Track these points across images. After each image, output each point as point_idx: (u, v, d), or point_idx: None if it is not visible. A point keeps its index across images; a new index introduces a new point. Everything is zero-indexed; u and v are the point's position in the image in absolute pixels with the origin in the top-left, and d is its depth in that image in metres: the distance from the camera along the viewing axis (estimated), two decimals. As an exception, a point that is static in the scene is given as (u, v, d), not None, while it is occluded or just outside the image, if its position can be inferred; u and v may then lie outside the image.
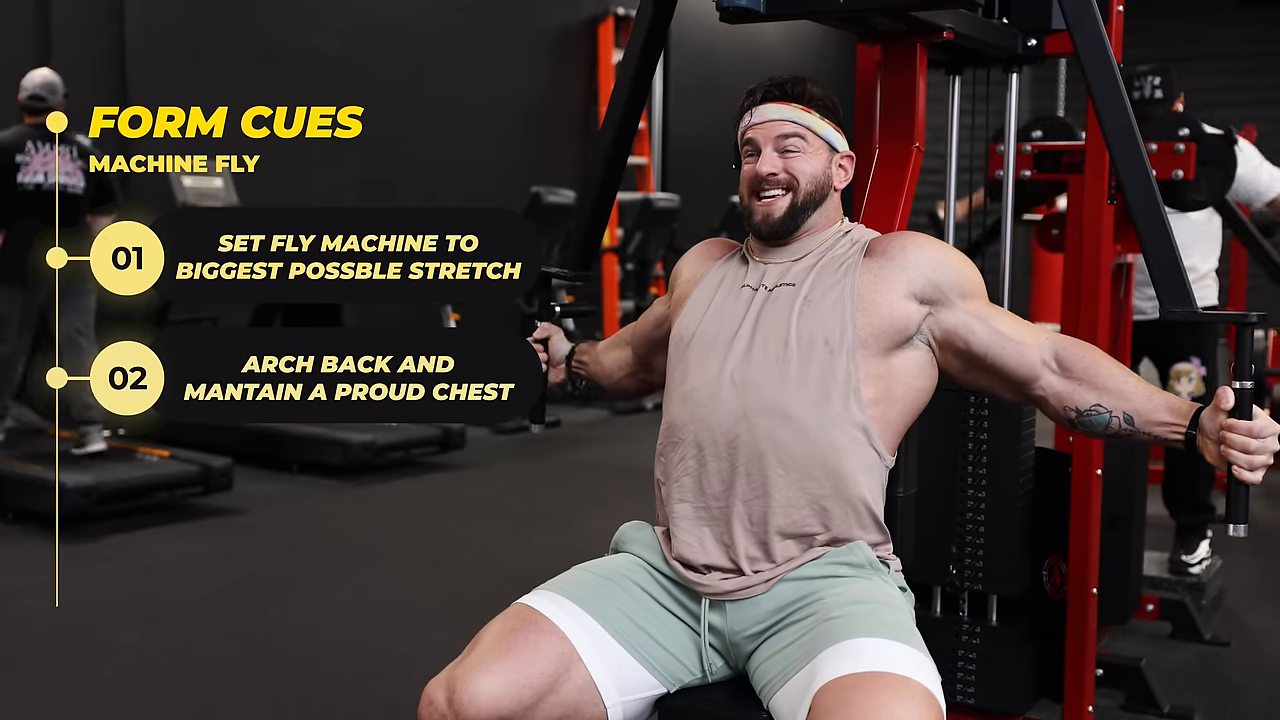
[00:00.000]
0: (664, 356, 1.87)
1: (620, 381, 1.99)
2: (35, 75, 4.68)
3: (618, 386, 2.00)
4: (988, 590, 2.16)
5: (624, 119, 2.04)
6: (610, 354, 2.00)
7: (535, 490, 5.32)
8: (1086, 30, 1.68)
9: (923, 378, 1.64)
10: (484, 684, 1.46)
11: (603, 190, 2.07)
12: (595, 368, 2.01)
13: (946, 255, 1.65)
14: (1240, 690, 2.97)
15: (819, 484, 1.57)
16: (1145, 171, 1.64)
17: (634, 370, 1.97)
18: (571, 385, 2.04)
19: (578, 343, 2.05)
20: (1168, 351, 3.55)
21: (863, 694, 1.33)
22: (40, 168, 4.58)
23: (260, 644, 3.19)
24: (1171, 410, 1.52)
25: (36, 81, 4.64)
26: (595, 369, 2.01)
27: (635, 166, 8.65)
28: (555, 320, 2.04)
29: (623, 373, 1.98)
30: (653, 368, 1.94)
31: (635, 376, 1.98)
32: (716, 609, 1.59)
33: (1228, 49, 10.17)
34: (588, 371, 2.02)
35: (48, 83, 4.64)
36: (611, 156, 2.06)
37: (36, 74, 4.69)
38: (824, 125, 1.68)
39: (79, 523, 4.24)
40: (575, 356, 2.02)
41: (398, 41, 7.26)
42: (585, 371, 2.02)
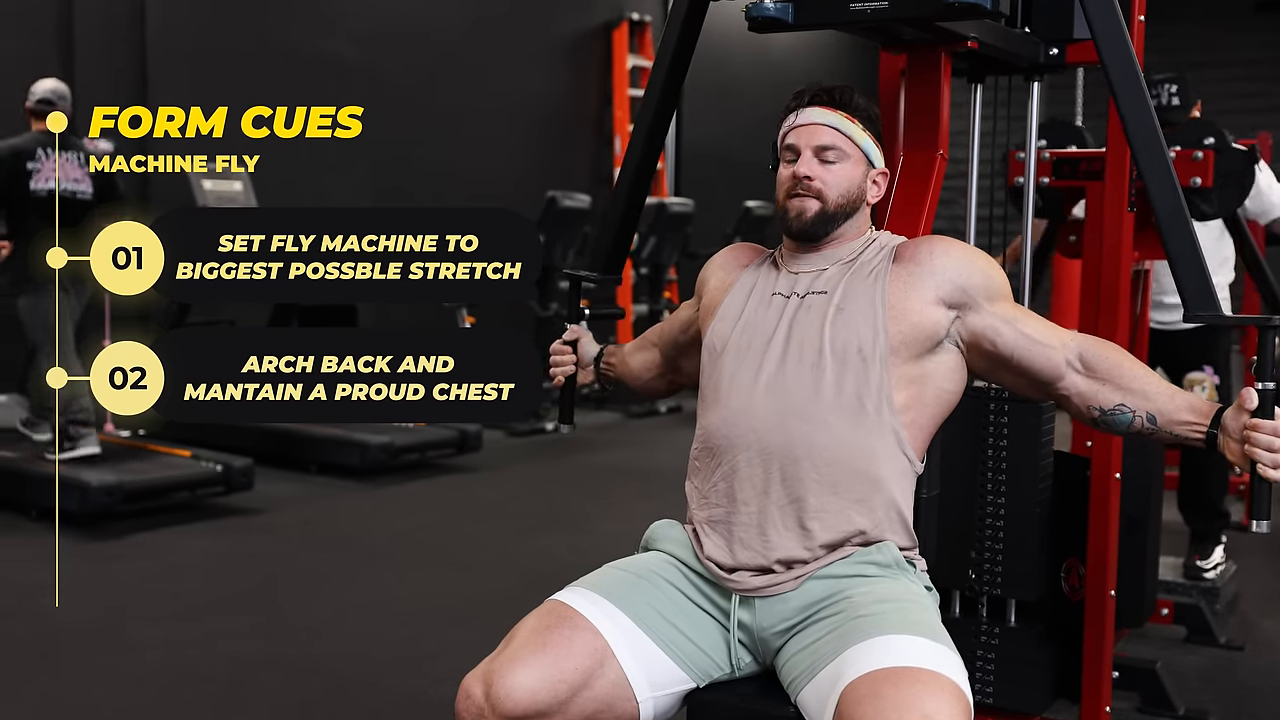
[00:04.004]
0: (691, 360, 1.90)
1: (649, 383, 2.03)
2: (44, 82, 4.71)
3: (647, 387, 2.05)
4: (1006, 595, 2.18)
5: (655, 123, 2.07)
6: (638, 356, 2.04)
7: (551, 492, 5.34)
8: (1111, 38, 1.70)
9: (953, 380, 1.67)
10: (520, 678, 1.49)
11: (633, 194, 2.09)
12: (623, 369, 2.05)
13: (973, 259, 1.68)
14: (1254, 694, 2.99)
15: (852, 490, 1.60)
16: (1170, 176, 1.66)
17: (662, 372, 2.01)
18: (600, 386, 2.08)
19: (605, 345, 2.09)
20: (1181, 361, 3.57)
21: (893, 687, 1.36)
22: (52, 174, 4.61)
23: (283, 640, 3.23)
24: (1193, 410, 1.56)
25: (46, 87, 4.67)
26: (623, 370, 2.05)
27: (649, 171, 8.66)
28: (587, 323, 2.08)
29: (650, 374, 2.02)
30: (680, 370, 1.98)
31: (664, 378, 2.02)
32: (746, 605, 1.62)
33: (1242, 55, 10.15)
34: (616, 373, 2.06)
35: (56, 89, 4.68)
36: (643, 159, 2.08)
37: (45, 81, 4.72)
38: (864, 137, 1.71)
39: (103, 521, 4.28)
40: (604, 358, 2.06)
41: (416, 47, 7.30)
42: (614, 373, 2.06)
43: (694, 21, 2.02)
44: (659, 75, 2.05)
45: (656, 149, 2.10)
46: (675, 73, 2.05)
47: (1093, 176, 2.53)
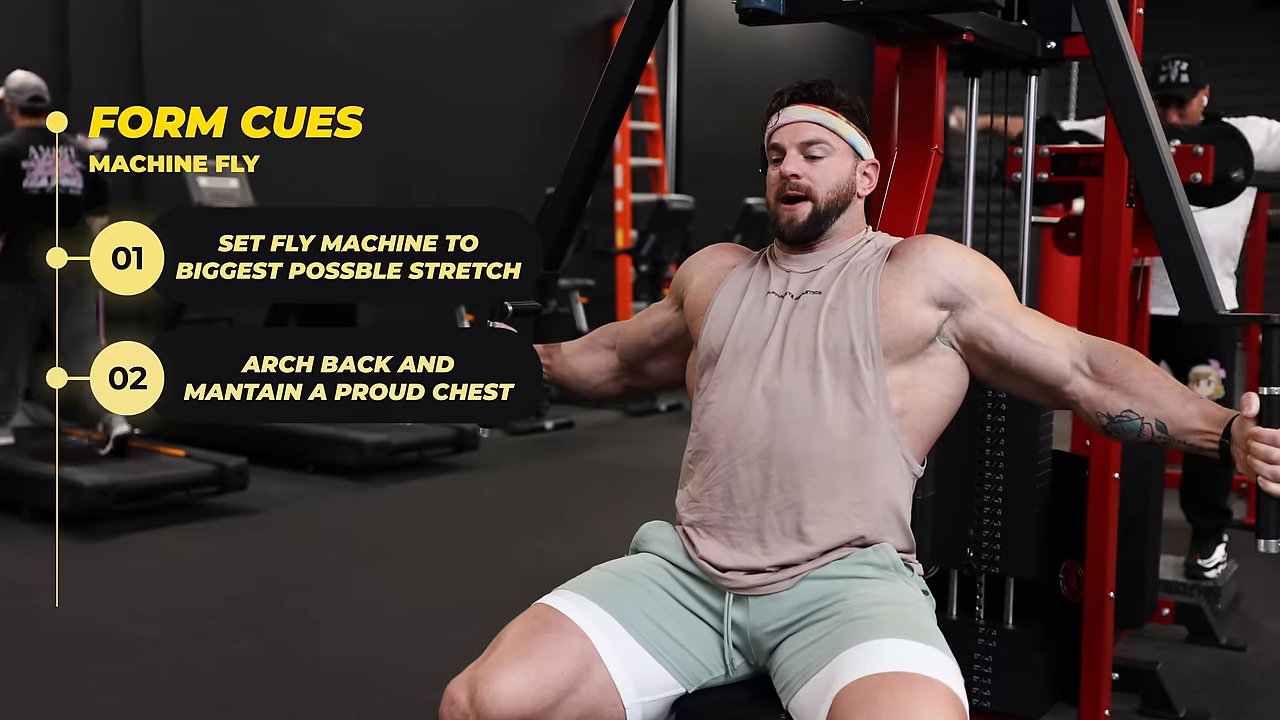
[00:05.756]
0: (661, 363, 1.86)
1: (599, 386, 1.95)
2: (29, 78, 4.63)
3: (596, 390, 1.95)
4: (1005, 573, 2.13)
5: (609, 119, 2.05)
6: (584, 358, 1.95)
7: (549, 491, 5.32)
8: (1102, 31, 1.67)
9: (952, 384, 1.64)
10: (505, 684, 1.47)
11: (582, 190, 2.06)
12: (562, 370, 1.96)
13: (965, 257, 1.65)
14: (1256, 695, 2.96)
15: (850, 493, 1.57)
16: (1163, 172, 1.61)
17: (617, 376, 1.93)
18: None
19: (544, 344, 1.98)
20: (1186, 354, 3.54)
21: (888, 693, 1.34)
22: (44, 172, 4.57)
23: (277, 641, 3.21)
24: (1205, 418, 1.49)
25: (33, 83, 4.61)
26: (560, 372, 1.96)
27: (649, 168, 8.65)
28: (508, 320, 1.96)
29: (602, 377, 1.94)
30: (643, 373, 1.91)
31: (618, 382, 1.94)
32: (739, 604, 1.59)
33: (1244, 51, 10.12)
34: (551, 375, 1.96)
35: (40, 85, 4.62)
36: (595, 156, 2.05)
37: (27, 76, 4.63)
38: (849, 129, 1.68)
39: (96, 521, 4.26)
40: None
41: (415, 44, 7.28)
42: (549, 375, 1.96)
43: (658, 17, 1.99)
44: (621, 66, 2.03)
45: (608, 145, 2.06)
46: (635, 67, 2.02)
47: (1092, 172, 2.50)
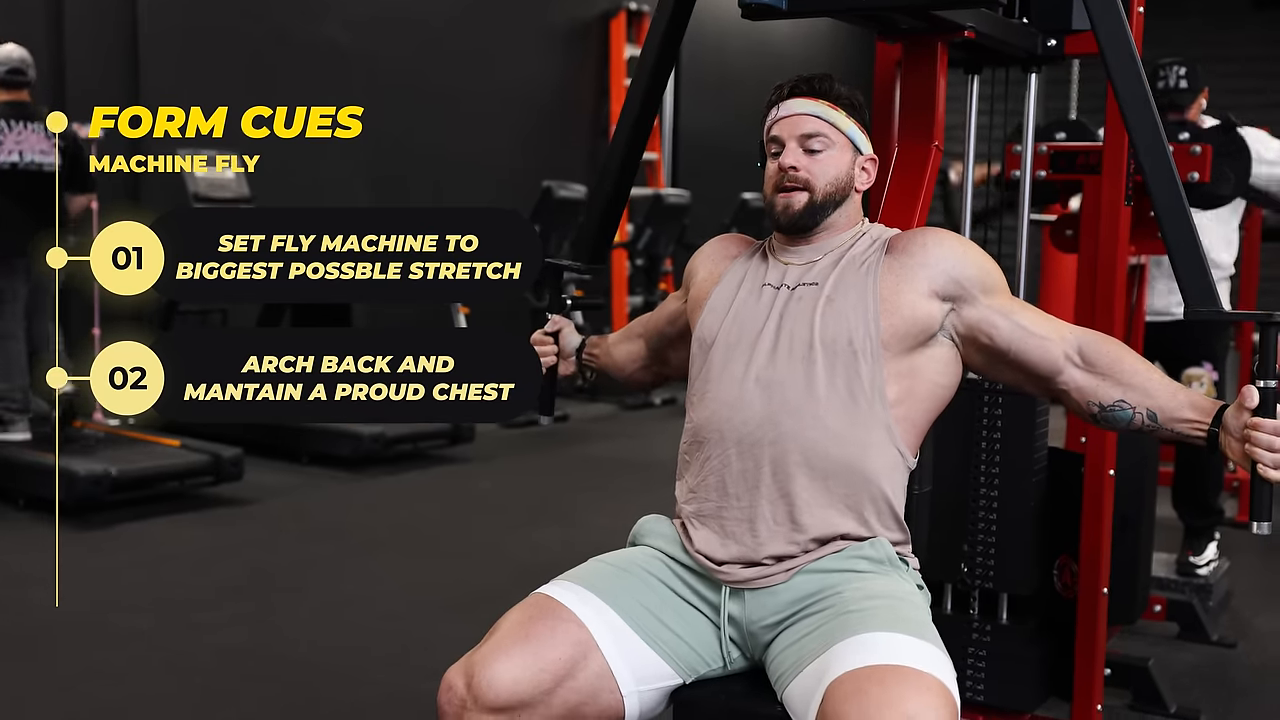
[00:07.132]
0: (678, 352, 1.88)
1: (633, 374, 2.01)
2: (13, 50, 4.55)
3: (631, 379, 2.02)
4: (999, 589, 2.17)
5: (642, 112, 2.04)
6: (621, 347, 2.01)
7: (544, 484, 5.33)
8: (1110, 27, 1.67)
9: (947, 374, 1.65)
10: (502, 669, 1.48)
11: (619, 183, 2.07)
12: (606, 360, 2.03)
13: (967, 251, 1.66)
14: (1246, 691, 2.98)
15: (844, 484, 1.58)
16: (1169, 169, 1.62)
17: (647, 364, 1.99)
18: (582, 378, 2.06)
19: (587, 336, 2.06)
20: (1179, 356, 3.55)
21: (878, 685, 1.34)
22: (15, 146, 4.49)
23: (271, 632, 3.21)
24: (1194, 407, 1.54)
25: (17, 55, 4.54)
26: (606, 361, 2.03)
27: (646, 162, 8.64)
28: (566, 313, 2.06)
29: (635, 366, 2.00)
30: (666, 361, 1.95)
31: (648, 370, 1.99)
32: (735, 598, 1.60)
33: (1240, 51, 10.14)
34: (598, 364, 2.03)
35: (24, 57, 4.55)
36: (629, 149, 2.06)
37: (11, 49, 4.56)
38: (849, 124, 1.68)
39: (90, 511, 4.25)
40: (585, 349, 2.03)
41: (412, 36, 7.27)
42: (596, 364, 2.03)
43: (684, 8, 1.99)
44: (648, 60, 2.03)
45: (644, 137, 2.07)
46: (665, 58, 2.01)
47: (1090, 170, 2.51)
